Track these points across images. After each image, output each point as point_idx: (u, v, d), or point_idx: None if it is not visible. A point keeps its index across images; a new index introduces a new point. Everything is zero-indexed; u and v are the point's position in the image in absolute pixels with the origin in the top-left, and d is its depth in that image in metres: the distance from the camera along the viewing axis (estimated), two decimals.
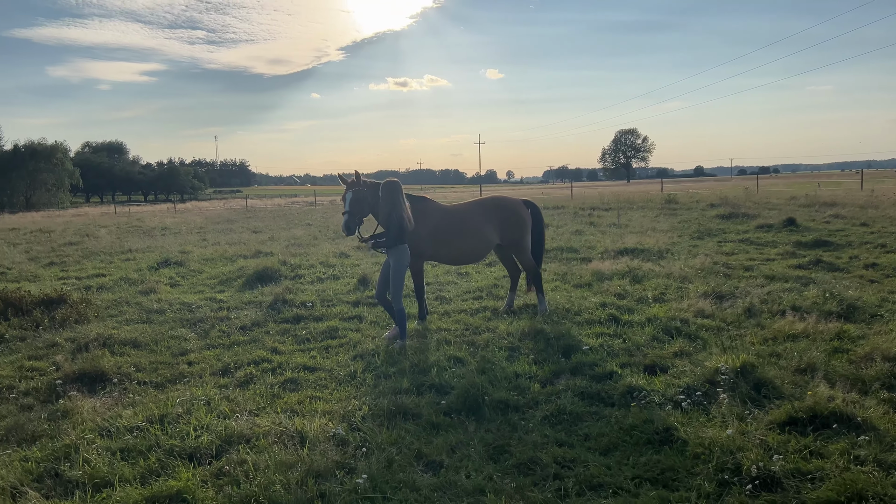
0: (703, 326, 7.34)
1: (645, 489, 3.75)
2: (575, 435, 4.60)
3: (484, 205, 8.54)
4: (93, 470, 3.99)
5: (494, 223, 8.29)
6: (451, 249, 8.10)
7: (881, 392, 5.04)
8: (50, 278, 13.02)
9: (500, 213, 8.38)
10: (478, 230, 8.15)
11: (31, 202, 69.27)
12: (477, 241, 8.14)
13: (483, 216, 8.29)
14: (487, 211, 8.38)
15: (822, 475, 3.68)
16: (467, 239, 8.10)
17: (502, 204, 8.57)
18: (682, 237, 17.34)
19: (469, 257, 8.31)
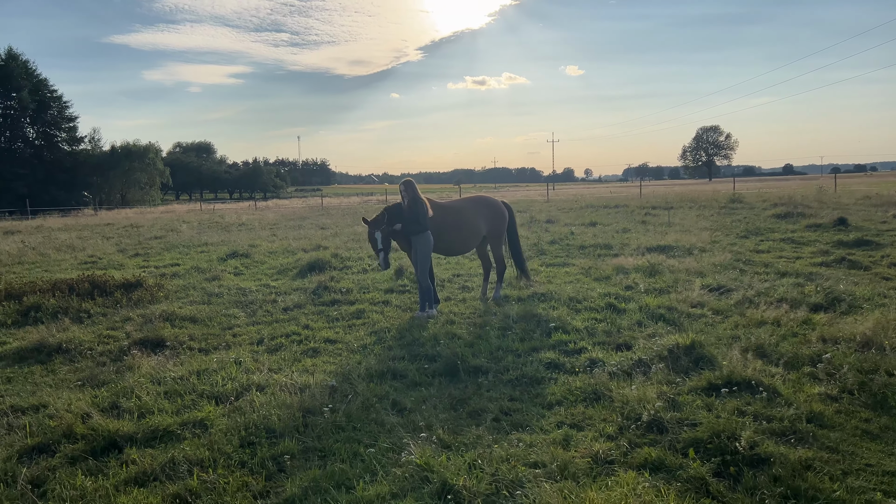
0: (687, 314, 8.10)
1: (561, 430, 4.69)
2: (527, 394, 5.55)
3: (474, 202, 9.68)
4: (142, 403, 5.25)
5: (483, 217, 9.42)
6: (449, 240, 9.17)
7: (806, 367, 5.79)
8: (133, 267, 14.74)
9: (487, 210, 9.56)
10: (471, 223, 9.29)
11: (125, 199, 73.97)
12: (470, 233, 9.28)
13: (475, 211, 9.42)
14: (478, 207, 9.53)
15: (699, 422, 4.54)
16: (462, 231, 9.21)
17: (489, 202, 9.74)
18: (728, 235, 17.72)
19: (462, 248, 9.42)
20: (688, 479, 3.86)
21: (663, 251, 14.12)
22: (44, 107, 70.80)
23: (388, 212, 8.82)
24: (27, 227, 31.45)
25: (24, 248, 19.51)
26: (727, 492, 3.73)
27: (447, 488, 3.65)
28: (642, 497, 3.45)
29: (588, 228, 20.79)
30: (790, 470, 3.85)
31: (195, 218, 36.00)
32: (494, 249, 9.82)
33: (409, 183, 8.84)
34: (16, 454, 4.47)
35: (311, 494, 3.73)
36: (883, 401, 5.06)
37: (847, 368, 5.62)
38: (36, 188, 64.53)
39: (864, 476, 3.91)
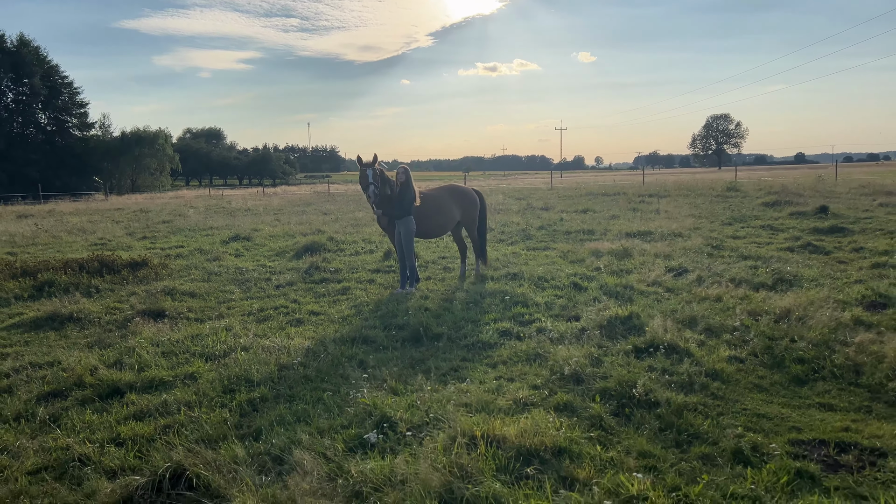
0: (641, 292, 8.87)
1: (497, 382, 5.48)
2: (478, 356, 6.35)
3: (450, 191, 10.49)
4: (142, 360, 6.10)
5: (458, 204, 10.21)
6: (427, 225, 9.96)
7: (726, 335, 6.57)
8: (140, 248, 15.61)
9: (461, 198, 10.35)
10: (448, 209, 10.08)
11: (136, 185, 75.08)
12: (446, 218, 10.09)
13: (451, 199, 10.22)
14: (453, 195, 10.33)
15: (610, 375, 5.34)
16: (439, 217, 10.00)
17: (463, 191, 10.56)
18: (713, 222, 18.41)
19: (439, 231, 10.25)
20: (588, 416, 4.65)
21: (642, 236, 14.86)
22: (55, 93, 71.81)
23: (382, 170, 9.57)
24: (40, 212, 32.45)
25: (37, 230, 20.44)
26: (617, 426, 4.53)
27: (385, 420, 4.46)
28: (541, 426, 4.25)
29: (579, 215, 21.52)
30: (673, 410, 4.65)
31: (203, 203, 36.91)
32: (470, 233, 10.63)
33: (405, 170, 9.61)
34: (34, 398, 5.31)
35: (276, 426, 4.55)
36: (780, 361, 5.84)
37: (755, 335, 6.40)
38: (48, 173, 65.67)
39: (737, 417, 4.70)
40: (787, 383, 5.44)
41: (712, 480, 3.70)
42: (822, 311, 7.18)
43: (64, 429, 4.69)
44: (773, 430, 4.48)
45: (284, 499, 3.39)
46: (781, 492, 3.58)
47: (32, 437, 4.58)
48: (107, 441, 4.41)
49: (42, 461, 4.17)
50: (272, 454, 4.03)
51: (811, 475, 3.78)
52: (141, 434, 4.48)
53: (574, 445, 4.08)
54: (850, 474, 3.84)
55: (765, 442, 4.24)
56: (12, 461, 4.19)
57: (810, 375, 5.55)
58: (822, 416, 4.73)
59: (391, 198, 9.56)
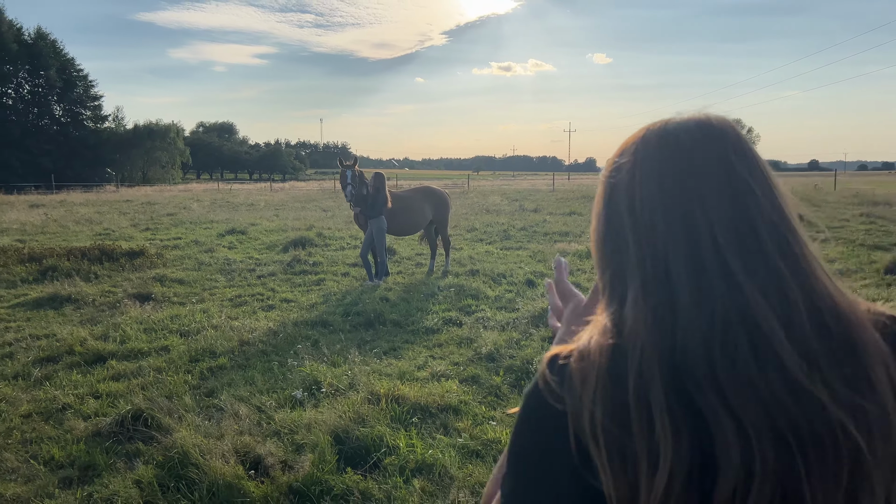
0: (587, 288, 9.75)
1: (425, 359, 6.39)
2: (420, 339, 7.25)
3: (423, 192, 11.39)
4: (125, 334, 7.06)
5: (430, 205, 11.12)
6: (400, 222, 10.89)
7: None
8: (141, 239, 16.63)
9: (433, 198, 11.23)
10: (420, 209, 10.99)
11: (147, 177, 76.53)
12: (419, 217, 10.99)
13: (423, 200, 11.12)
14: (426, 196, 11.25)
15: (517, 355, 6.25)
16: (412, 215, 10.92)
17: (434, 192, 11.44)
18: None
19: (411, 230, 11.17)
20: (489, 386, 5.56)
21: None
22: (70, 85, 73.32)
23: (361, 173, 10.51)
24: (51, 201, 33.62)
25: (46, 220, 21.53)
26: (510, 393, 5.43)
27: (315, 383, 5.38)
28: (440, 391, 5.16)
29: (564, 217, 22.39)
30: None
31: (209, 197, 38.01)
32: (441, 231, 11.55)
33: (380, 176, 10.58)
34: (31, 362, 6.27)
35: (226, 386, 5.48)
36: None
37: None
38: (61, 164, 67.14)
39: None
40: None
41: None
42: None
43: (53, 385, 5.64)
44: None
45: (217, 434, 4.31)
46: None
47: (27, 391, 5.53)
48: (87, 395, 5.35)
49: (33, 408, 5.11)
50: (217, 406, 4.96)
51: None
52: (116, 391, 5.42)
53: (463, 406, 4.99)
54: None
55: None
56: (9, 407, 5.14)
57: None
58: None
59: (367, 198, 10.49)
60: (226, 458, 3.87)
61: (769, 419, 0.71)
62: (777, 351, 0.73)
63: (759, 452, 0.70)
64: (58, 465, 4.14)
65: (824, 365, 0.73)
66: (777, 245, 0.78)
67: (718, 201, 0.80)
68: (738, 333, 0.74)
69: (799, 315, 0.75)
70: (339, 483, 3.70)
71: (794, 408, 0.71)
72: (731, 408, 0.71)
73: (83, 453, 4.20)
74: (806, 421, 0.71)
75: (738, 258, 0.77)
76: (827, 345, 0.75)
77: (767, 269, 0.77)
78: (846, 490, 0.70)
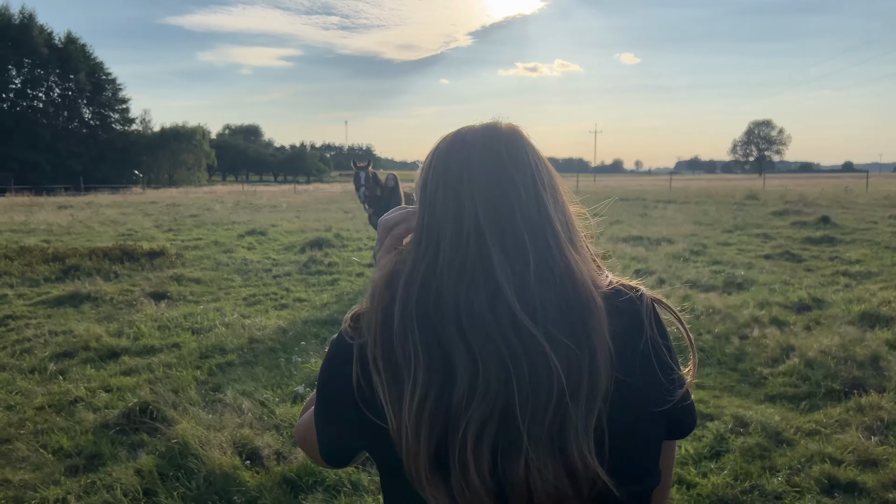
0: None
1: None
2: None
3: None
4: (139, 331, 7.22)
5: None
6: None
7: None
8: (163, 240, 16.91)
9: None
10: None
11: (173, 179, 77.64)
12: None
13: None
14: None
15: None
16: None
17: None
18: (715, 230, 19.11)
19: None
20: None
21: (631, 241, 15.67)
22: (99, 88, 74.68)
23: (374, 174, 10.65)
24: (79, 203, 34.28)
25: (73, 221, 21.98)
26: None
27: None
28: None
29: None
30: None
31: (232, 199, 38.47)
32: None
33: (394, 177, 10.72)
34: (48, 356, 6.45)
35: (233, 381, 5.60)
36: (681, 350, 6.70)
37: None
38: (90, 166, 68.36)
39: None
40: None
41: None
42: (744, 310, 8.03)
43: (67, 379, 5.80)
44: None
45: (218, 426, 4.42)
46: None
47: (42, 384, 5.70)
48: (98, 388, 5.50)
49: (46, 401, 5.27)
50: (222, 401, 5.07)
51: None
52: (126, 385, 5.56)
53: None
54: None
55: None
56: (24, 400, 5.30)
57: (702, 361, 6.42)
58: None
59: (380, 198, 10.60)
60: (224, 449, 3.98)
61: (496, 351, 0.92)
62: (507, 300, 0.93)
63: (484, 375, 0.91)
64: (65, 455, 4.27)
65: (549, 315, 0.94)
66: (528, 223, 0.99)
67: (485, 187, 1.01)
68: (479, 285, 0.95)
69: (530, 275, 0.95)
70: (331, 474, 3.79)
71: (517, 344, 0.92)
72: (467, 341, 0.93)
73: (90, 443, 4.33)
74: (525, 354, 0.92)
75: (492, 229, 0.98)
76: (554, 300, 0.95)
77: (514, 239, 0.98)
78: (554, 410, 0.91)
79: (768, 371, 5.96)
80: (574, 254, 1.01)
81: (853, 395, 5.22)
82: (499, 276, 0.95)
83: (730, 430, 4.62)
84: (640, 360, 1.02)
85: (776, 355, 6.31)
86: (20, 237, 17.43)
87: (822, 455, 4.17)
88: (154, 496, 3.67)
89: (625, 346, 1.00)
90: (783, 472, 4.02)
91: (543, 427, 0.91)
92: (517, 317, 0.93)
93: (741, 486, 3.89)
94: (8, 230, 19.42)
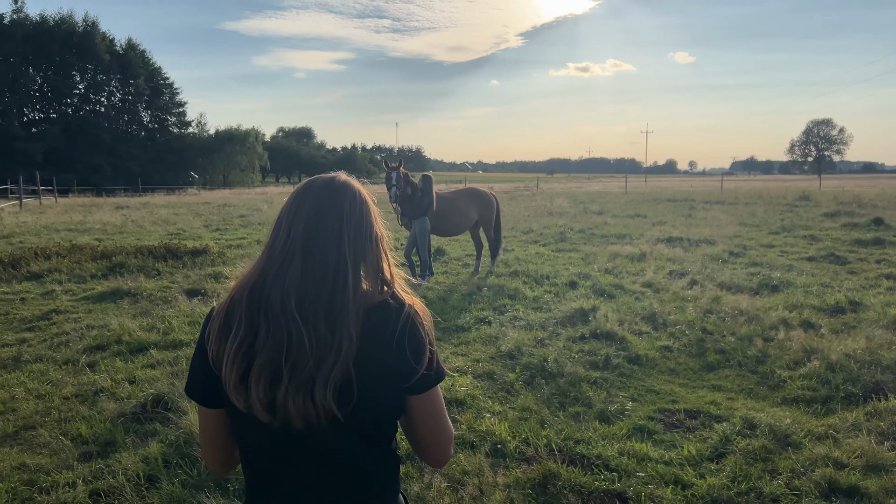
0: (629, 290, 9.67)
1: (449, 354, 6.53)
2: (450, 336, 7.40)
3: (468, 193, 11.49)
4: (169, 326, 7.48)
5: (475, 206, 11.22)
6: (445, 224, 11.05)
7: (671, 328, 7.38)
8: (208, 239, 17.38)
9: (478, 200, 11.32)
10: (464, 211, 11.11)
11: (227, 181, 79.40)
12: (463, 218, 11.10)
13: (468, 201, 11.23)
14: (471, 197, 11.34)
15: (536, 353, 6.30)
16: (457, 217, 11.06)
17: (480, 193, 11.53)
18: (761, 231, 18.70)
19: (456, 230, 11.30)
20: (502, 382, 5.66)
21: (671, 242, 15.45)
22: (157, 93, 76.93)
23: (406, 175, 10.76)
24: (135, 203, 35.39)
25: (125, 220, 22.74)
26: (521, 390, 5.51)
27: None
28: (451, 385, 5.29)
29: (626, 220, 22.11)
30: (572, 381, 5.59)
31: (281, 199, 39.15)
32: (486, 232, 11.67)
33: (427, 178, 10.85)
34: (81, 349, 6.74)
35: None
36: (703, 351, 6.64)
37: (697, 329, 7.21)
38: (148, 168, 70.49)
39: (628, 390, 5.59)
40: (698, 369, 6.25)
41: (562, 429, 4.66)
42: (773, 312, 7.87)
43: (96, 371, 6.06)
44: (651, 401, 5.36)
45: None
46: (612, 438, 4.51)
47: (73, 375, 5.97)
48: (123, 380, 5.74)
49: (74, 391, 5.52)
50: None
51: (648, 430, 4.68)
52: (150, 377, 5.78)
53: (470, 399, 5.11)
54: (679, 431, 4.71)
55: (634, 407, 5.14)
56: (53, 389, 5.57)
57: (722, 363, 6.33)
58: (705, 394, 5.56)
59: (411, 198, 10.72)
60: None
61: (278, 326, 1.40)
62: (288, 294, 1.42)
63: (270, 339, 1.40)
64: (83, 441, 4.48)
65: (316, 309, 1.41)
66: (326, 248, 1.44)
67: (306, 220, 1.47)
68: (279, 282, 1.43)
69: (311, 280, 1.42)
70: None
71: (290, 323, 1.40)
72: (266, 317, 1.41)
73: (106, 431, 4.54)
74: (294, 330, 1.40)
75: (302, 247, 1.45)
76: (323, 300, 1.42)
77: (313, 256, 1.44)
78: (307, 366, 1.38)
79: (788, 374, 5.85)
80: (352, 272, 1.45)
81: (871, 399, 5.09)
82: (290, 278, 1.42)
83: (736, 433, 4.56)
84: (385, 346, 1.44)
85: (798, 358, 6.18)
86: (75, 236, 18.15)
87: (828, 459, 4.10)
88: (157, 482, 3.84)
89: (376, 336, 1.44)
90: (784, 475, 3.96)
91: (299, 375, 1.39)
92: (290, 306, 1.40)
93: (738, 487, 3.85)
94: (66, 229, 20.21)
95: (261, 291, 1.43)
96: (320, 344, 1.38)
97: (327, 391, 1.37)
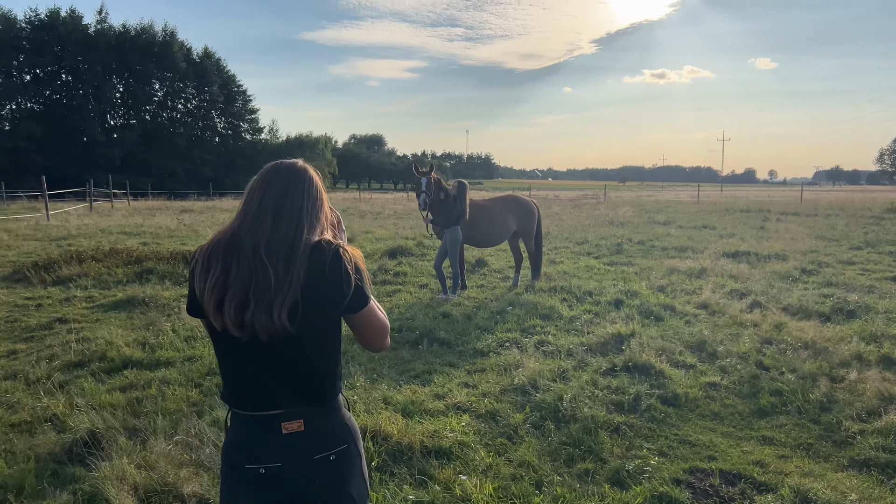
0: (681, 312, 8.62)
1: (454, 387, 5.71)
2: (464, 361, 6.56)
3: (505, 201, 10.61)
4: (159, 342, 6.91)
5: (513, 215, 10.35)
6: (480, 233, 10.21)
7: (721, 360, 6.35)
8: None
9: (517, 208, 10.43)
10: (501, 219, 10.25)
11: None
12: (500, 227, 10.25)
13: (505, 209, 10.35)
14: (508, 205, 10.45)
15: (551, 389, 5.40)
16: (493, 226, 10.21)
17: (519, 201, 10.61)
18: (841, 246, 17.14)
19: (493, 241, 10.42)
20: (506, 425, 4.80)
21: (737, 256, 14.17)
22: (231, 100, 78.77)
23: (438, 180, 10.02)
24: (201, 207, 35.88)
25: (179, 224, 22.77)
26: (527, 436, 4.64)
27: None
28: (440, 429, 4.47)
29: (691, 231, 20.75)
30: (587, 428, 4.67)
31: (342, 206, 39.09)
32: (526, 243, 10.78)
33: (463, 185, 10.09)
34: (59, 366, 6.23)
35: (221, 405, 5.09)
36: (756, 392, 5.60)
37: (751, 363, 6.16)
38: (220, 173, 72.16)
39: (655, 441, 4.64)
40: (747, 414, 5.23)
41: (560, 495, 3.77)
42: (846, 344, 6.72)
43: (63, 393, 5.51)
44: (683, 456, 4.40)
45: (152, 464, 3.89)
46: None
47: (35, 397, 5.42)
48: (83, 405, 5.14)
49: (27, 416, 4.97)
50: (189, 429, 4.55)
51: (673, 499, 3.74)
52: (111, 402, 5.18)
53: (458, 448, 4.27)
54: (710, 502, 3.75)
55: (659, 464, 4.20)
56: (6, 414, 5.03)
57: (777, 408, 5.29)
58: (751, 449, 4.55)
59: (442, 205, 9.95)
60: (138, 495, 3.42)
61: (247, 264, 1.89)
62: (257, 241, 1.92)
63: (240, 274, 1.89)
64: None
65: (278, 252, 1.90)
66: (289, 210, 1.97)
67: (277, 190, 2.00)
68: (250, 233, 1.94)
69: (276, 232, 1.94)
70: None
71: (258, 263, 1.89)
72: (238, 259, 1.91)
73: (24, 474, 3.91)
74: (261, 267, 1.88)
75: (273, 210, 1.97)
76: (282, 244, 1.91)
77: (281, 216, 1.96)
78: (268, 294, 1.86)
79: (858, 427, 4.78)
80: (306, 227, 1.96)
81: None
82: (260, 232, 1.93)
83: None
84: (322, 277, 1.90)
85: (873, 406, 5.09)
86: (123, 238, 18.14)
87: None
88: None
89: (317, 270, 1.90)
90: None
91: (263, 300, 1.86)
92: (259, 251, 1.90)
93: None
94: (120, 232, 20.32)
95: (235, 242, 1.93)
96: (278, 278, 1.87)
97: (283, 311, 1.85)
